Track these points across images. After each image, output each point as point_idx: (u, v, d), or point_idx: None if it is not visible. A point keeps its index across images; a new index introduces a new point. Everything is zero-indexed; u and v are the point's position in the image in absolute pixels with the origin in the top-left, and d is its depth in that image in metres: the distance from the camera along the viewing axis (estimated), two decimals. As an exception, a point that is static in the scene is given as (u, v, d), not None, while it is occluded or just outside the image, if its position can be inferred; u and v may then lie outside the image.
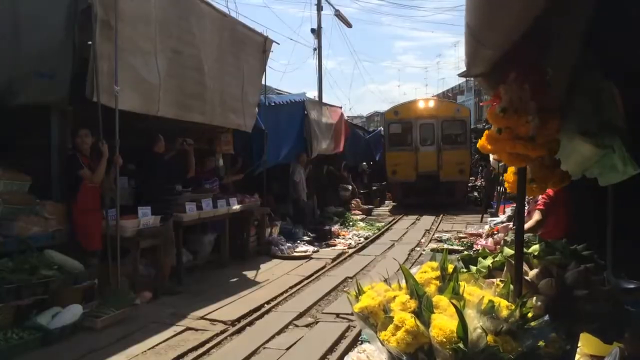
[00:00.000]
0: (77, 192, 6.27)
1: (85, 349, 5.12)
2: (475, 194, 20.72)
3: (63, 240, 6.20)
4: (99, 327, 5.57)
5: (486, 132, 2.59)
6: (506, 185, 3.14)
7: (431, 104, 20.01)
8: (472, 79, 11.90)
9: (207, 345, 5.42)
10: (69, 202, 6.32)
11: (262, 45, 10.01)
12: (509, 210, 8.61)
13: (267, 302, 6.99)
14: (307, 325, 6.15)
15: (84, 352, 5.05)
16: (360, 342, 5.28)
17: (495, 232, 7.25)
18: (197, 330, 5.85)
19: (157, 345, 5.36)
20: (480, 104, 18.33)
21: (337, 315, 6.43)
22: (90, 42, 6.04)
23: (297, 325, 6.16)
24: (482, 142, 2.61)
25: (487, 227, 8.90)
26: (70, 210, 6.28)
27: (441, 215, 17.01)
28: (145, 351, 5.19)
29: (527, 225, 4.52)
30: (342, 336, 5.72)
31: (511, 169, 3.10)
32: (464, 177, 19.22)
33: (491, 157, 9.85)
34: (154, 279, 7.17)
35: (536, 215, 4.93)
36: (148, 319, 6.05)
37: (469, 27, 2.13)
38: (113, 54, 6.20)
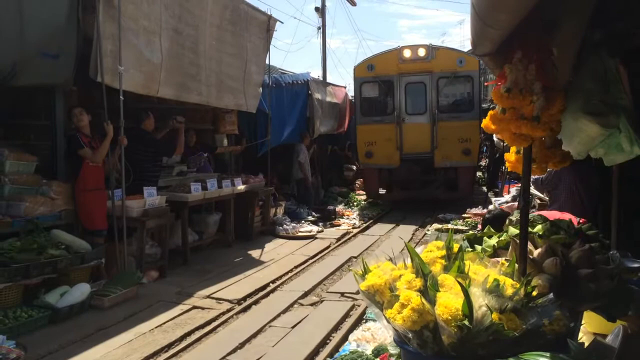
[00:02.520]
0: (79, 172, 6.30)
1: (93, 327, 5.19)
2: (479, 174, 17.55)
3: (70, 220, 6.26)
4: (107, 305, 5.64)
5: (490, 111, 2.59)
6: (507, 164, 3.14)
7: (421, 52, 13.07)
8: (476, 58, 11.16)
9: (214, 324, 5.49)
10: (73, 182, 6.35)
11: (266, 25, 9.93)
12: (513, 190, 8.61)
13: (272, 282, 7.05)
14: (312, 304, 6.21)
15: (92, 330, 5.13)
16: (364, 321, 5.34)
17: (500, 212, 7.25)
18: (203, 308, 5.92)
19: (164, 323, 5.43)
20: (485, 83, 14.33)
21: (342, 294, 6.49)
22: (89, 21, 6.05)
23: (302, 304, 6.22)
24: (486, 122, 2.62)
25: (491, 206, 8.91)
26: (73, 189, 6.31)
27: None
28: (152, 329, 5.27)
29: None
30: (346, 315, 5.78)
31: (513, 149, 3.09)
32: (470, 160, 12.93)
33: (495, 136, 9.83)
34: (160, 258, 7.23)
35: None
36: (155, 298, 6.12)
37: (475, 7, 2.11)
38: (116, 33, 6.18)
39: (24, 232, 5.57)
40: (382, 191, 14.29)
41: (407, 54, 13.18)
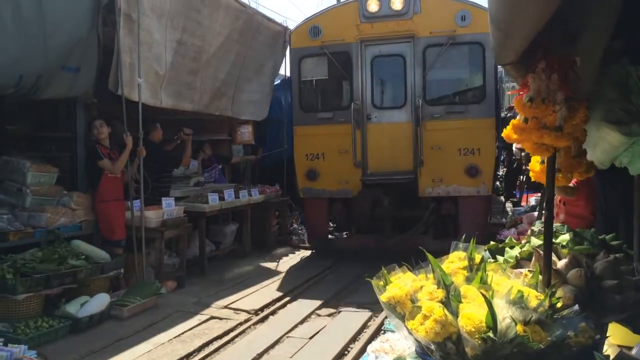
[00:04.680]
0: (98, 183, 6.38)
1: (113, 337, 5.23)
2: (498, 183, 18.48)
3: (90, 230, 6.33)
4: (126, 315, 5.68)
5: (512, 121, 2.57)
6: (531, 174, 3.11)
7: (397, 3, 8.20)
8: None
9: (232, 334, 5.50)
10: (92, 193, 6.43)
11: (282, 36, 9.99)
12: (532, 200, 8.54)
13: (289, 292, 7.04)
14: (329, 315, 6.18)
15: (111, 340, 5.16)
16: (383, 332, 5.30)
17: (519, 222, 7.20)
18: (221, 319, 5.93)
19: (182, 333, 5.45)
20: (507, 92, 11.51)
21: (359, 305, 6.45)
22: (108, 35, 6.16)
23: (319, 315, 6.20)
24: (507, 132, 2.60)
25: (509, 217, 8.85)
26: (93, 200, 6.39)
27: None
28: (171, 339, 5.28)
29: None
30: (364, 325, 5.74)
31: (536, 158, 3.07)
32: (478, 184, 8.08)
33: (514, 145, 9.75)
34: (178, 268, 7.27)
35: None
36: (173, 308, 6.15)
37: (492, 17, 2.11)
38: (135, 46, 6.29)
39: (45, 243, 5.64)
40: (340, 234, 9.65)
41: (373, 6, 8.22)
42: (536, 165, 3.04)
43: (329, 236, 9.34)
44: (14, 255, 5.27)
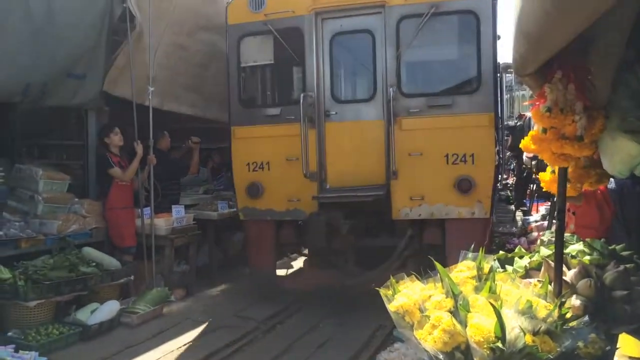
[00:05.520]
0: (109, 191, 6.44)
1: (123, 344, 5.25)
2: (508, 192, 17.98)
3: (100, 237, 6.39)
4: (136, 323, 5.70)
5: (531, 132, 2.55)
6: (542, 184, 3.10)
7: None
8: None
9: (240, 343, 5.49)
10: (103, 201, 6.50)
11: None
12: (542, 209, 8.50)
13: (297, 300, 7.02)
14: (337, 324, 6.16)
15: (121, 347, 5.18)
16: (392, 341, 5.28)
17: (529, 231, 7.16)
18: (229, 327, 5.93)
19: (191, 341, 5.45)
20: (524, 102, 10.27)
21: (367, 314, 6.43)
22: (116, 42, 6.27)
23: (327, 324, 6.18)
24: (525, 143, 2.57)
25: (519, 226, 8.81)
26: (103, 208, 6.45)
27: None
28: (179, 347, 5.29)
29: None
30: (372, 335, 5.71)
31: (549, 168, 3.06)
32: (473, 204, 6.06)
33: (524, 154, 9.70)
34: (187, 276, 7.29)
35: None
36: (182, 316, 6.17)
37: (525, 32, 2.07)
38: (144, 55, 6.38)
39: (57, 250, 5.70)
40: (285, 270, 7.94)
41: None
42: (547, 175, 3.03)
43: (276, 272, 7.15)
44: (25, 262, 5.33)
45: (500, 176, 7.72)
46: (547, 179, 2.98)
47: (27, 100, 5.75)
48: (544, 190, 3.29)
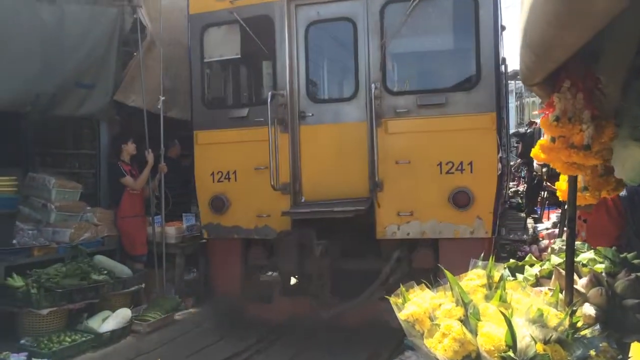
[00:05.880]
0: (120, 199, 6.49)
1: (134, 352, 5.29)
2: (518, 199, 17.55)
3: (112, 246, 6.43)
4: (147, 331, 5.71)
5: (540, 140, 2.55)
6: (558, 193, 3.08)
7: None
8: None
9: (249, 352, 5.51)
10: (114, 209, 6.55)
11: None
12: (553, 217, 8.45)
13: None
14: (347, 332, 6.14)
15: (132, 355, 5.22)
16: (402, 350, 5.24)
17: (540, 239, 7.12)
18: (237, 336, 5.93)
19: (200, 350, 5.49)
20: (534, 112, 9.79)
21: (377, 323, 6.40)
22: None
23: (336, 332, 6.16)
24: (535, 151, 2.58)
25: (530, 233, 8.76)
26: (115, 216, 6.50)
27: None
28: (188, 356, 5.34)
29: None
30: (382, 343, 5.69)
31: (564, 177, 3.05)
32: (472, 221, 5.28)
33: (535, 161, 9.68)
34: (196, 284, 7.31)
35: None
36: (191, 324, 6.19)
37: (531, 44, 2.08)
38: (156, 65, 6.44)
39: (69, 258, 5.74)
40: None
41: None
42: (563, 184, 3.02)
43: (244, 299, 6.16)
44: (38, 270, 5.37)
45: (505, 187, 6.90)
46: (562, 187, 2.97)
47: (37, 109, 5.82)
48: (560, 200, 3.27)
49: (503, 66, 5.69)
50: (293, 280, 6.18)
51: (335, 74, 6.32)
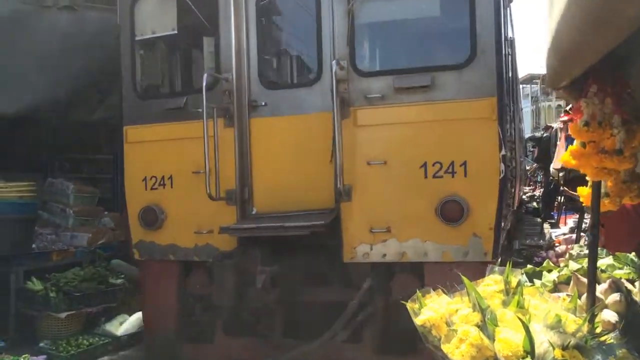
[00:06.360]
0: None
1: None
2: (535, 204, 16.76)
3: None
4: (163, 334, 5.76)
5: (571, 147, 2.53)
6: (582, 199, 3.04)
7: None
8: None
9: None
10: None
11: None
12: (570, 222, 8.37)
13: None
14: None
15: (149, 358, 5.23)
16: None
17: (557, 245, 7.07)
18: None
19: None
20: (560, 118, 8.97)
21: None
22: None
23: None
24: (566, 157, 2.55)
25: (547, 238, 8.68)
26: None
27: None
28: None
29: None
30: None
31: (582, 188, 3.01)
32: (472, 237, 3.96)
33: (552, 165, 9.58)
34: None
35: None
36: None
37: (558, 48, 2.07)
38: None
39: (87, 262, 5.82)
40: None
41: None
42: (585, 190, 2.98)
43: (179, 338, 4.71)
44: (57, 274, 5.45)
45: (515, 194, 5.77)
46: (585, 193, 2.94)
47: (53, 115, 5.90)
48: (583, 205, 3.20)
49: (509, 41, 4.57)
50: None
51: (294, 53, 5.03)
